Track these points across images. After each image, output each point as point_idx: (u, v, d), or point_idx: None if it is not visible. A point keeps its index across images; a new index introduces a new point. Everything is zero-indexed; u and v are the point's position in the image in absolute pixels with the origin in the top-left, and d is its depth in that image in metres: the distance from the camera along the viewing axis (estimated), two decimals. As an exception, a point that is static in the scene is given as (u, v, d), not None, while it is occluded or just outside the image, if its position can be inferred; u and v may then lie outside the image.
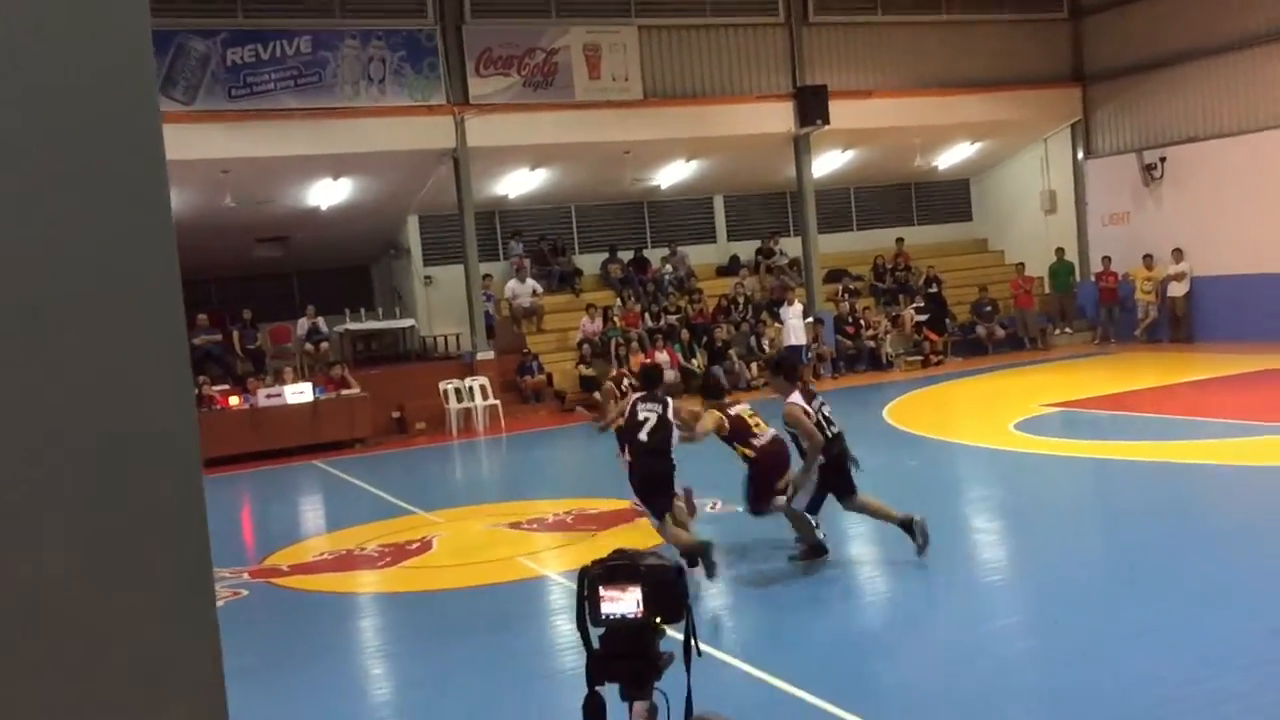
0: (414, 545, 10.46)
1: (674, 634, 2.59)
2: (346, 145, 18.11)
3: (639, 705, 2.45)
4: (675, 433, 8.39)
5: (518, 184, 21.38)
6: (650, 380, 9.01)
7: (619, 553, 2.58)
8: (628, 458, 8.42)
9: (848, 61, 21.93)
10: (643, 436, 8.31)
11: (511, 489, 14.03)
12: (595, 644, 2.53)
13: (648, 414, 8.40)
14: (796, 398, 8.27)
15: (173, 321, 1.46)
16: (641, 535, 9.11)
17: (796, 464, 8.50)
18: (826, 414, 8.39)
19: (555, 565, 9.15)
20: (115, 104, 1.42)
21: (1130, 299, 22.42)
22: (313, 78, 18.09)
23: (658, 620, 2.50)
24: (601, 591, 2.48)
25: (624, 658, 2.48)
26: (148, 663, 1.44)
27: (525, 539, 10.34)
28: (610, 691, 2.55)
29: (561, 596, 8.31)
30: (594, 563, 2.60)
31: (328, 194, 19.78)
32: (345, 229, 20.99)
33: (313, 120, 17.92)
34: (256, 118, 17.60)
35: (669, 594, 2.50)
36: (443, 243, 21.43)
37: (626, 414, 8.53)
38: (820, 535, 8.41)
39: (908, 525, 8.22)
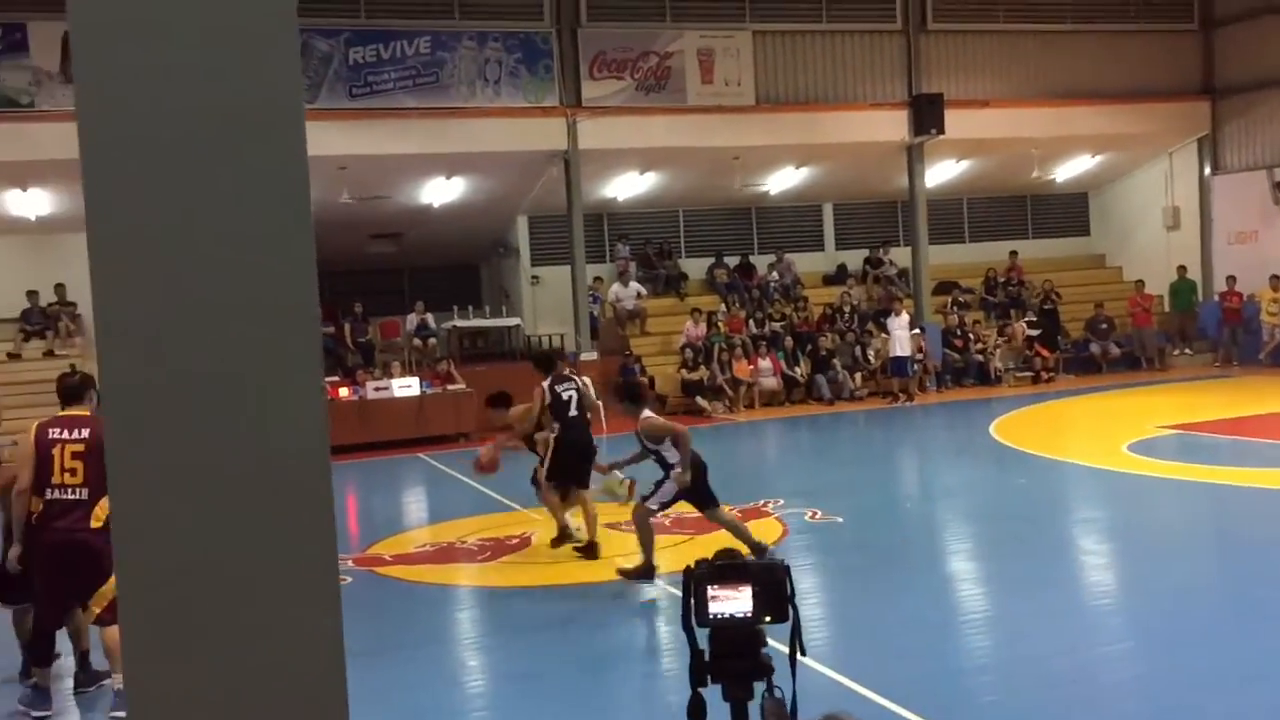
0: (514, 540, 10.58)
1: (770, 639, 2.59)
2: (461, 145, 18.42)
3: (770, 703, 2.44)
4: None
5: (627, 187, 21.50)
6: (548, 364, 9.98)
7: (725, 552, 2.59)
8: (553, 432, 9.49)
9: (965, 70, 21.57)
10: (573, 412, 9.56)
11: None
12: (701, 644, 2.53)
13: (569, 393, 9.60)
14: (648, 413, 8.75)
15: (309, 317, 1.50)
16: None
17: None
18: None
19: (653, 567, 9.14)
20: (267, 113, 1.46)
21: (1255, 320, 21.60)
22: (430, 78, 18.44)
23: (766, 619, 2.50)
24: (709, 591, 2.48)
25: (732, 658, 2.49)
26: (279, 640, 1.48)
27: (623, 540, 10.35)
28: (710, 693, 2.55)
29: (659, 597, 8.33)
30: (699, 562, 2.60)
31: (441, 192, 20.14)
32: (456, 227, 21.34)
33: (429, 120, 18.28)
34: (375, 116, 18.02)
35: (778, 593, 2.50)
36: (551, 243, 21.66)
37: (550, 401, 9.54)
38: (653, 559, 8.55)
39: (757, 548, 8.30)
